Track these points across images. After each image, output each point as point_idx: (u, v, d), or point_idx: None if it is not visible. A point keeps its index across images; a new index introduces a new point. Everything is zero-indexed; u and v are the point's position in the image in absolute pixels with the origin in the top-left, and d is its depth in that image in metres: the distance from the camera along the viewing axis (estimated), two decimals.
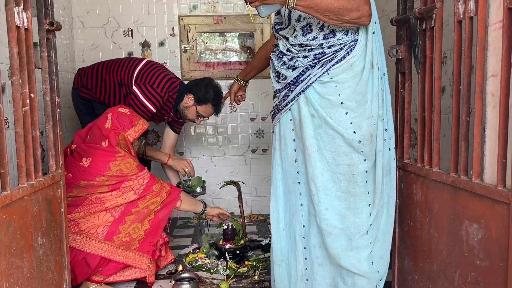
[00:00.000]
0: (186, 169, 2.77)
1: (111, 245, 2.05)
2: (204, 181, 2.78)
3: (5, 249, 1.20)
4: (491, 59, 1.20)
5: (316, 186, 1.53)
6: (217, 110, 2.70)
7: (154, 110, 2.55)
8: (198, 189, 2.72)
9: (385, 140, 1.57)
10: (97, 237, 2.03)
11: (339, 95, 1.47)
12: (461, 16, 1.29)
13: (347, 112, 1.48)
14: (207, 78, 2.70)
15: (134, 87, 2.53)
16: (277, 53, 1.61)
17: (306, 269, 1.63)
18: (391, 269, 1.76)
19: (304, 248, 1.63)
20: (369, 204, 1.53)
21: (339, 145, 1.49)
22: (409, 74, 1.64)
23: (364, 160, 1.50)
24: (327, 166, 1.52)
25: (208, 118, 2.82)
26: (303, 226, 1.62)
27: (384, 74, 1.56)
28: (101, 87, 2.66)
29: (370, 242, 1.55)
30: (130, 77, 2.58)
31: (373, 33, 1.48)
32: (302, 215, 1.62)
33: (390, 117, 1.59)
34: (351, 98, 1.47)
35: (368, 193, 1.53)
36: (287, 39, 1.56)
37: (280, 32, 1.59)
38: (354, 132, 1.48)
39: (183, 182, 2.70)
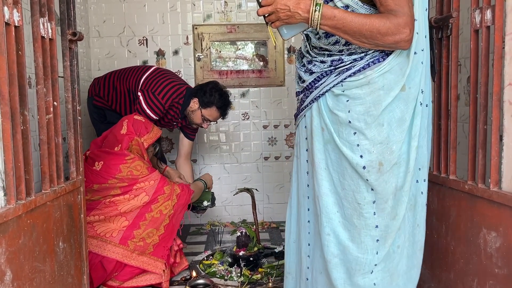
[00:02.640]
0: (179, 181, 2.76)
1: (125, 249, 2.08)
2: (212, 193, 2.79)
3: (29, 254, 1.23)
4: (508, 68, 1.21)
5: (320, 207, 1.39)
6: (223, 114, 2.69)
7: (155, 118, 2.57)
8: (205, 203, 2.73)
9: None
10: (112, 240, 2.07)
11: (349, 111, 1.31)
12: (478, 26, 1.30)
13: (355, 133, 1.31)
14: (212, 82, 2.71)
15: (139, 93, 2.57)
16: (299, 53, 1.50)
17: None
18: None
19: (308, 268, 1.51)
20: (377, 240, 1.33)
21: (345, 167, 1.33)
22: None
23: (372, 189, 1.32)
24: (333, 188, 1.37)
25: (216, 122, 2.82)
26: (308, 244, 1.51)
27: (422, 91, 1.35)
28: (113, 95, 2.70)
29: (374, 284, 1.35)
30: (137, 84, 2.62)
31: (416, 53, 1.28)
32: (309, 233, 1.50)
33: (423, 144, 1.35)
34: (360, 118, 1.29)
35: (377, 227, 1.33)
36: (309, 39, 1.43)
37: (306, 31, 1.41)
38: (361, 156, 1.30)
39: None
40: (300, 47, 1.50)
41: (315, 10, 1.19)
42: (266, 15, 1.25)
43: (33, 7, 1.32)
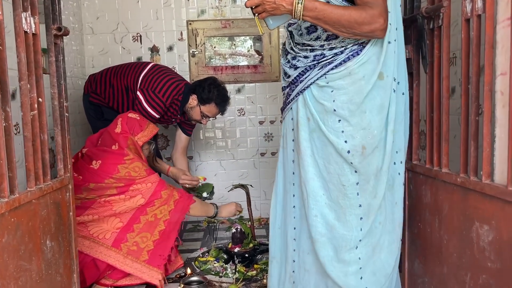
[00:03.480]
0: (186, 183, 2.68)
1: (118, 252, 2.05)
2: (213, 187, 2.76)
3: (13, 252, 1.21)
4: (499, 57, 1.18)
5: (307, 191, 1.50)
6: (222, 110, 2.66)
7: (157, 116, 2.55)
8: (205, 194, 2.69)
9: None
10: (105, 243, 2.04)
11: (334, 101, 1.43)
12: (469, 15, 1.27)
13: (340, 120, 1.43)
14: (210, 78, 2.68)
15: (138, 93, 2.54)
16: (284, 50, 1.60)
17: (293, 271, 1.62)
18: (401, 272, 1.74)
19: (294, 250, 1.61)
20: (361, 218, 1.47)
21: (330, 152, 1.45)
22: (417, 75, 1.62)
23: (355, 171, 1.44)
24: (319, 173, 1.49)
25: (215, 118, 2.80)
26: (294, 228, 1.61)
27: (398, 83, 1.47)
28: (110, 92, 2.68)
29: (359, 258, 1.48)
30: (135, 82, 2.59)
31: (389, 43, 1.40)
32: (294, 217, 1.60)
33: (400, 129, 1.49)
34: (344, 106, 1.41)
35: (360, 206, 1.46)
36: (292, 37, 1.53)
37: (289, 28, 1.55)
38: (346, 141, 1.42)
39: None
40: (284, 44, 1.60)
41: (298, 3, 1.30)
42: (253, 7, 1.34)
43: (15, 1, 1.29)
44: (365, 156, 1.43)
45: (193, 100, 2.61)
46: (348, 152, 1.42)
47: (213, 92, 2.58)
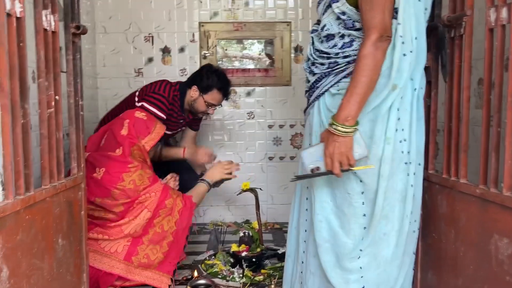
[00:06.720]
0: (205, 159, 2.68)
1: (129, 265, 2.05)
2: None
3: (27, 250, 1.21)
4: None
5: (315, 197, 1.53)
6: (225, 94, 2.62)
7: (164, 116, 2.49)
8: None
9: (405, 163, 1.44)
10: (117, 257, 2.04)
11: None
12: (493, 24, 1.26)
13: None
14: (206, 65, 2.65)
15: (139, 104, 2.49)
16: (307, 56, 1.62)
17: (301, 272, 1.66)
18: (413, 283, 1.71)
19: (303, 252, 1.65)
20: (365, 227, 1.46)
21: None
22: (435, 83, 1.60)
23: (360, 181, 1.44)
24: (327, 179, 1.52)
25: (222, 105, 2.76)
26: (305, 230, 1.65)
27: (415, 89, 1.43)
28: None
29: (361, 267, 1.47)
30: (133, 103, 2.55)
31: (404, 55, 1.36)
32: (306, 220, 1.64)
33: (415, 140, 1.45)
34: None
35: (364, 215, 1.46)
36: (313, 43, 1.56)
37: (312, 34, 1.57)
38: None
39: None
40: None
41: (336, 128, 1.33)
42: (341, 168, 1.37)
43: None
44: (369, 165, 1.42)
45: (194, 92, 2.56)
46: None
47: (212, 78, 2.54)
